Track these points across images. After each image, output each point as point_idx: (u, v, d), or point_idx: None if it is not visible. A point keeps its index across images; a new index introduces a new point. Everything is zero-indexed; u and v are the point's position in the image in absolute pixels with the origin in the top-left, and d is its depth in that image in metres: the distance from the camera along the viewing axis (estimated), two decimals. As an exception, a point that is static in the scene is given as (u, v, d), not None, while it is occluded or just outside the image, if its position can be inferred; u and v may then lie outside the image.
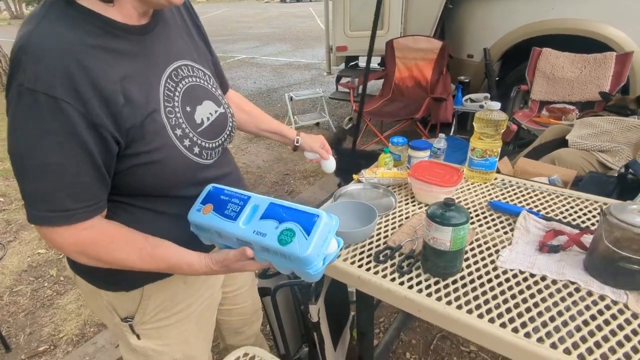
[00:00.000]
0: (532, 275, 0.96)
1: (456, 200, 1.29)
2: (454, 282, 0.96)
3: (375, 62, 5.27)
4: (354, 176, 1.42)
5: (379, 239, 1.13)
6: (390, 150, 1.52)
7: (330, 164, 1.21)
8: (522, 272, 0.97)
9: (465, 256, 1.04)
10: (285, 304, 1.43)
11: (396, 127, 3.69)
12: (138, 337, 0.88)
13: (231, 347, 1.28)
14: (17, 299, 2.04)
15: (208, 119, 0.81)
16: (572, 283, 0.92)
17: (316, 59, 8.33)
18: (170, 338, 0.91)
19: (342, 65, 4.71)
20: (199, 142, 0.78)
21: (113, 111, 0.64)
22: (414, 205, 1.29)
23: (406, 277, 0.97)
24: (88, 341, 1.81)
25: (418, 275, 0.98)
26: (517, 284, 0.94)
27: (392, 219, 1.22)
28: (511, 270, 0.98)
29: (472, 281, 0.95)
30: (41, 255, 2.44)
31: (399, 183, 1.40)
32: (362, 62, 5.13)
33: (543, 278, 0.95)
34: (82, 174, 0.65)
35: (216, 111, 0.84)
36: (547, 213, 1.21)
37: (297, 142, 1.15)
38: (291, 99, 4.01)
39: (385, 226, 1.19)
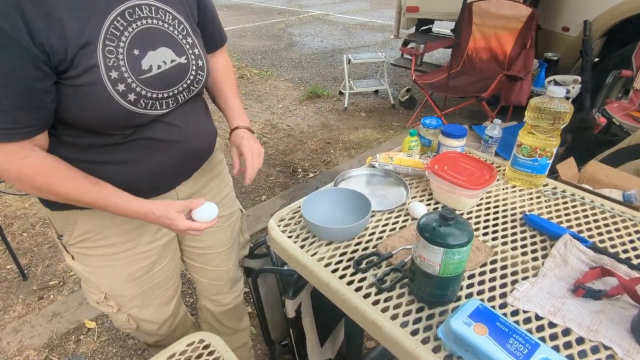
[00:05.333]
0: (552, 325, 0.72)
1: (483, 206, 1.05)
2: (442, 313, 0.75)
3: (447, 28, 4.73)
4: (367, 159, 1.22)
5: (370, 240, 0.94)
6: (418, 132, 1.28)
7: (205, 210, 0.86)
8: (538, 318, 0.74)
9: (470, 281, 0.82)
10: (274, 289, 1.32)
11: (459, 105, 3.29)
12: (72, 257, 0.90)
13: (206, 309, 1.23)
14: (46, 231, 2.15)
15: (159, 67, 0.76)
16: (606, 348, 0.68)
17: (393, 21, 7.73)
18: (96, 268, 0.91)
19: (413, 30, 4.27)
20: (137, 89, 0.73)
21: (41, 40, 0.62)
22: (429, 205, 1.06)
23: (384, 295, 0.79)
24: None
25: (400, 296, 0.79)
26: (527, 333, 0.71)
27: (396, 217, 1.01)
28: (525, 311, 0.75)
29: (466, 317, 0.74)
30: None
31: (418, 174, 1.17)
32: (436, 27, 4.61)
33: (566, 332, 0.71)
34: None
35: (173, 60, 0.78)
36: (600, 242, 0.93)
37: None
38: (349, 61, 3.72)
39: (384, 224, 0.99)
